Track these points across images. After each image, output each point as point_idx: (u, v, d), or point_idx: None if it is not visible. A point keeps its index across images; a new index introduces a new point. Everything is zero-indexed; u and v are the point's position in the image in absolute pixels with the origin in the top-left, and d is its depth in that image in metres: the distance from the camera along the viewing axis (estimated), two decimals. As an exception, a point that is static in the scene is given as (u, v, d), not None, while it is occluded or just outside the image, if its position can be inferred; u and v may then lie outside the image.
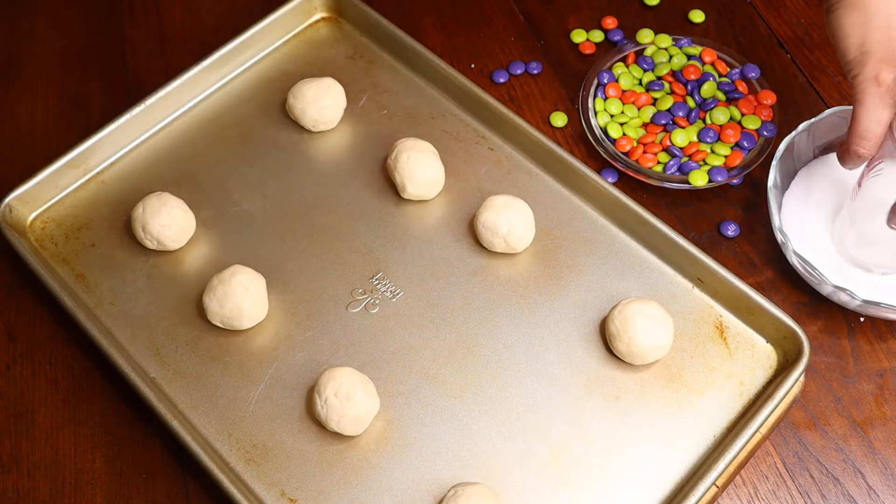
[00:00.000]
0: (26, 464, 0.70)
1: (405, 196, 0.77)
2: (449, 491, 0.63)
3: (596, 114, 0.82)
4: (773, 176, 0.72)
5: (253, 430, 0.68)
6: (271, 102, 0.84)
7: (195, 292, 0.74)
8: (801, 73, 0.86)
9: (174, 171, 0.81)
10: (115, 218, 0.78)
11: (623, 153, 0.80)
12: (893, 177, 0.66)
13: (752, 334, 0.71)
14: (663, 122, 0.81)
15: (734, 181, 0.80)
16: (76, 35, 0.93)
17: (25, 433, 0.71)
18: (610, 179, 0.80)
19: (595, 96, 0.83)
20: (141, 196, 0.76)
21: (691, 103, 0.82)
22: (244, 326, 0.71)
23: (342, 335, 0.72)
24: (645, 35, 0.87)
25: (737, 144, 0.80)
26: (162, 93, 0.82)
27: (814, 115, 0.75)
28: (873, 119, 0.63)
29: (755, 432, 0.64)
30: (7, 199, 0.76)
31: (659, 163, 0.80)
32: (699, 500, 0.62)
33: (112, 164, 0.81)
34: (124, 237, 0.77)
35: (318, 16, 0.90)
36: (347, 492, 0.65)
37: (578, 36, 0.90)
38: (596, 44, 0.89)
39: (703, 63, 0.85)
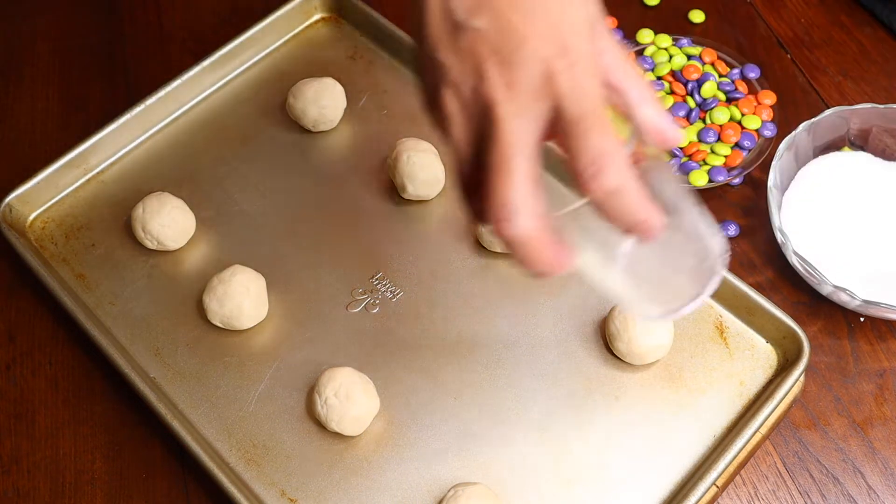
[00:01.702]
0: (26, 464, 0.70)
1: (405, 196, 0.77)
2: (449, 491, 0.63)
3: (596, 114, 0.82)
4: (773, 176, 0.72)
5: (253, 430, 0.68)
6: (271, 102, 0.84)
7: (195, 292, 0.74)
8: (801, 73, 0.86)
9: (174, 171, 0.81)
10: (115, 218, 0.78)
11: (623, 153, 0.80)
12: None
13: (752, 334, 0.71)
14: (663, 122, 0.81)
15: (734, 181, 0.80)
16: (76, 35, 0.93)
17: (25, 433, 0.71)
18: (610, 179, 0.80)
19: (595, 96, 0.83)
20: (141, 196, 0.76)
21: (691, 103, 0.82)
22: (244, 326, 0.71)
23: (342, 335, 0.72)
24: (645, 35, 0.87)
25: (737, 144, 0.80)
26: (162, 93, 0.82)
27: (814, 115, 0.75)
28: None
29: (755, 432, 0.64)
30: (7, 199, 0.76)
31: (659, 163, 0.79)
32: (699, 500, 0.62)
33: (112, 164, 0.81)
34: (124, 237, 0.77)
35: (317, 16, 0.90)
36: (347, 492, 0.65)
37: (578, 36, 0.89)
38: (596, 44, 0.89)
39: (703, 63, 0.85)
